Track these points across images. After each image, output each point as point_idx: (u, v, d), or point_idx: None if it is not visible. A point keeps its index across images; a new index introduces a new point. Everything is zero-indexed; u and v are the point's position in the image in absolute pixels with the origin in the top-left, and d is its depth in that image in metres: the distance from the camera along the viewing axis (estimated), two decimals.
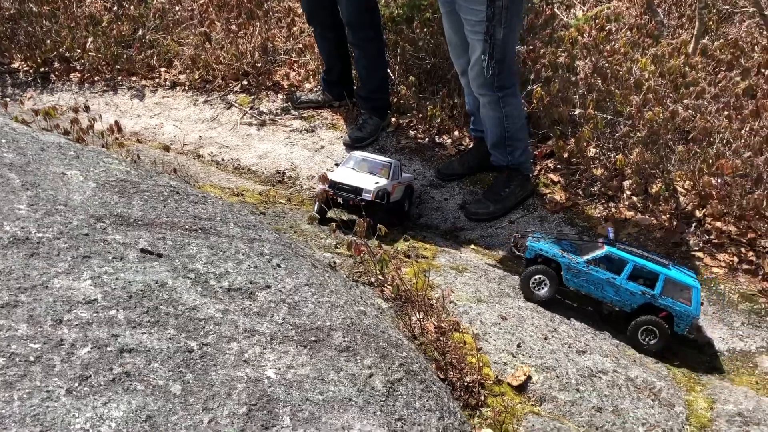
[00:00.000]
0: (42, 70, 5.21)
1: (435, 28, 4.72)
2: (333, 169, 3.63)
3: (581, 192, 3.96)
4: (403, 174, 3.78)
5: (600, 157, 4.09)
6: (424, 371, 2.10)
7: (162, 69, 5.29)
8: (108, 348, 1.61)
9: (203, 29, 5.20)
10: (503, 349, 2.55)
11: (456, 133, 4.51)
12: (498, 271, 3.30)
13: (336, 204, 3.43)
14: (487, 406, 2.26)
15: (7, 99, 4.81)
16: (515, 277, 3.22)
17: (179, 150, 4.42)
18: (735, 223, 3.60)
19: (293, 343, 1.86)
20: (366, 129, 4.42)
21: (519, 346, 2.58)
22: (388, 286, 2.80)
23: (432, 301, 2.71)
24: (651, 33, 4.72)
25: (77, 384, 1.48)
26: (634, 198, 3.86)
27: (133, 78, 5.22)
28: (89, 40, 5.24)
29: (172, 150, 4.29)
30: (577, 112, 4.16)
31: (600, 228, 3.66)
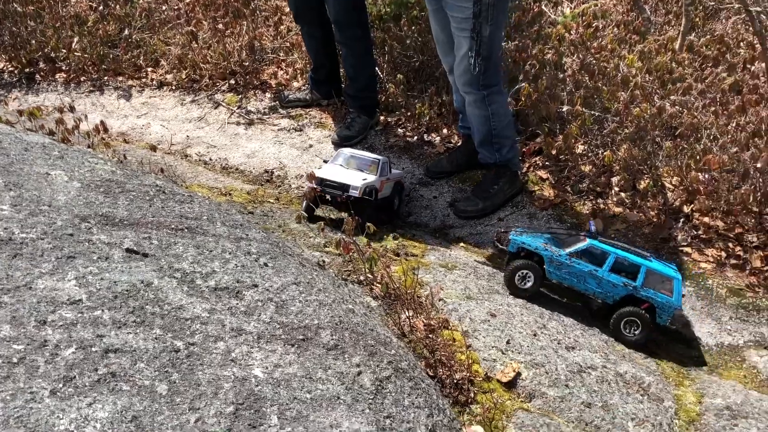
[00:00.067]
0: (27, 70, 5.17)
1: (423, 25, 4.71)
2: (321, 167, 3.61)
3: (570, 189, 3.96)
4: (393, 170, 3.76)
5: (588, 154, 4.10)
6: (413, 369, 2.10)
7: (149, 69, 5.26)
8: (93, 348, 1.59)
9: (190, 28, 5.18)
10: (492, 346, 2.54)
11: (445, 131, 4.51)
12: (487, 269, 3.30)
13: (324, 201, 3.41)
14: (477, 402, 2.25)
15: None
16: None
17: (166, 150, 4.39)
18: (722, 218, 3.62)
19: (281, 342, 1.85)
20: (354, 127, 4.41)
21: (508, 342, 2.58)
22: (377, 284, 2.79)
23: (421, 299, 2.71)
24: (638, 30, 4.74)
25: (61, 385, 1.47)
26: (622, 194, 3.87)
27: (120, 78, 5.18)
28: (75, 40, 5.21)
29: (159, 150, 4.26)
30: (565, 109, 4.16)
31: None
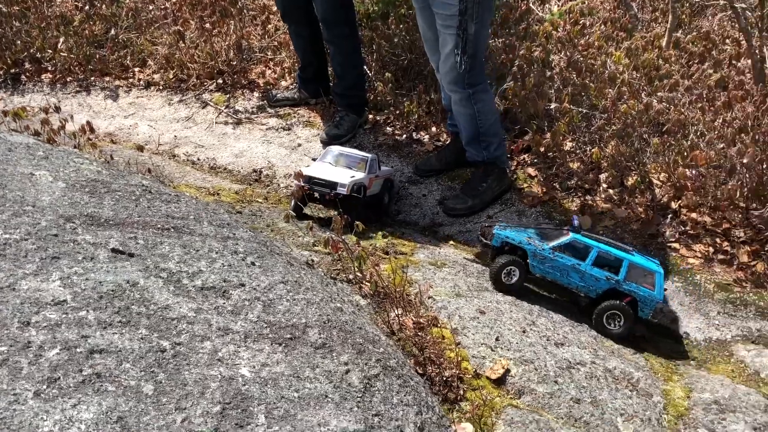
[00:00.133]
0: (12, 71, 5.13)
1: (410, 24, 4.71)
2: (309, 165, 3.60)
3: (558, 186, 3.97)
4: (383, 167, 3.76)
5: (576, 151, 4.10)
6: (401, 366, 2.09)
7: (136, 69, 5.23)
8: (78, 349, 1.58)
9: (177, 28, 5.15)
10: (482, 343, 2.54)
11: (433, 129, 4.51)
12: (476, 266, 3.30)
13: (313, 199, 3.40)
14: (466, 400, 2.25)
15: None
16: None
17: (154, 150, 4.36)
18: (710, 214, 3.63)
19: (268, 341, 1.84)
20: (343, 126, 4.40)
21: (497, 339, 2.58)
22: (366, 282, 2.79)
23: (410, 297, 2.70)
24: (625, 27, 4.75)
25: (45, 386, 1.45)
26: (610, 191, 3.88)
27: (107, 78, 5.15)
28: (61, 40, 5.17)
29: (146, 150, 4.24)
30: (553, 106, 4.17)
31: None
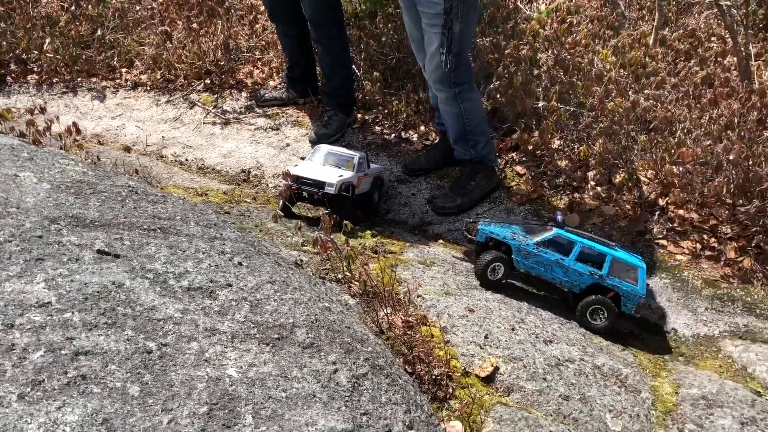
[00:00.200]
0: None
1: (398, 23, 4.70)
2: (297, 164, 3.59)
3: (546, 183, 3.98)
4: (372, 165, 3.75)
5: (564, 149, 4.12)
6: (390, 365, 2.09)
7: (123, 69, 5.20)
8: (62, 351, 1.56)
9: (164, 28, 5.13)
10: (471, 341, 2.54)
11: (422, 128, 4.51)
12: (465, 264, 3.30)
13: (301, 199, 3.39)
14: (456, 398, 2.25)
15: None
16: None
17: (142, 151, 4.34)
18: (697, 211, 3.65)
19: (255, 341, 1.83)
20: (332, 126, 4.39)
21: (486, 337, 2.58)
22: (355, 282, 2.79)
23: (400, 296, 2.70)
24: (612, 25, 4.77)
25: (29, 389, 1.44)
26: (598, 188, 3.89)
27: (93, 79, 5.12)
28: (47, 41, 5.14)
29: (134, 151, 4.21)
30: (541, 104, 4.18)
31: (566, 218, 3.68)
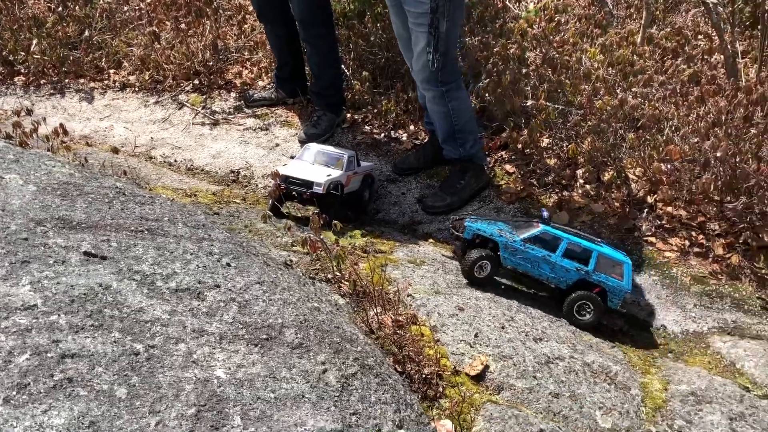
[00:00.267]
0: None
1: (387, 22, 4.70)
2: (286, 164, 3.58)
3: (536, 182, 3.99)
4: (363, 163, 3.75)
5: (553, 147, 4.13)
6: (379, 365, 2.09)
7: (111, 70, 5.17)
8: (49, 354, 1.55)
9: (152, 29, 5.10)
10: (461, 340, 2.55)
11: (411, 128, 4.51)
12: (455, 263, 3.30)
13: (291, 198, 3.39)
14: (446, 397, 2.25)
15: None
16: None
17: (130, 152, 4.32)
18: (685, 208, 3.67)
19: (244, 342, 1.83)
20: (321, 125, 4.38)
21: (476, 336, 2.58)
22: (345, 281, 2.78)
23: (389, 295, 2.70)
24: (600, 23, 4.79)
25: (15, 392, 1.43)
26: (587, 186, 3.91)
27: (81, 80, 5.09)
28: (33, 42, 5.10)
29: (123, 152, 4.19)
30: (529, 103, 4.19)
31: (555, 216, 3.69)
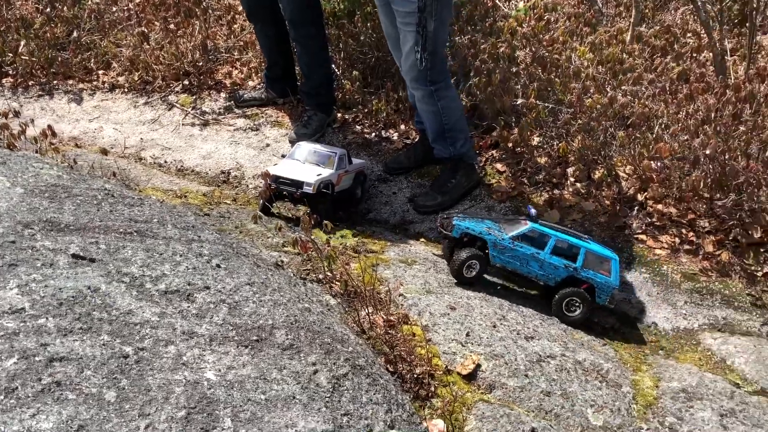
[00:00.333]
0: None
1: (376, 22, 4.69)
2: (277, 164, 3.58)
3: (526, 180, 3.99)
4: (355, 161, 3.74)
5: (543, 146, 4.13)
6: (371, 365, 2.09)
7: (100, 71, 5.15)
8: (36, 358, 1.54)
9: (141, 29, 5.08)
10: (452, 339, 2.55)
11: (402, 127, 4.51)
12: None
13: (281, 197, 3.39)
14: (438, 396, 2.25)
15: None
16: None
17: (120, 153, 4.30)
18: (675, 205, 3.68)
19: (234, 344, 1.82)
20: (311, 125, 4.37)
21: (468, 335, 2.58)
22: (336, 282, 2.78)
23: (381, 295, 2.70)
24: (589, 22, 4.80)
25: (2, 397, 1.42)
26: (577, 184, 3.91)
27: (70, 81, 5.06)
28: (21, 43, 5.07)
29: (112, 154, 4.18)
30: (520, 101, 4.19)
31: (546, 214, 3.70)
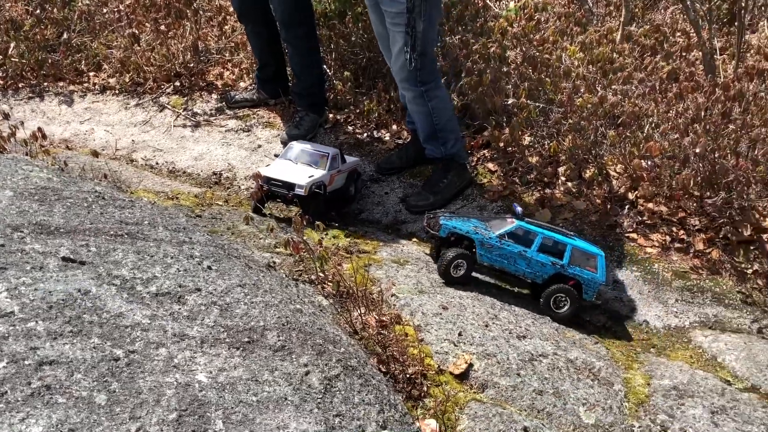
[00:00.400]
0: None
1: (367, 22, 4.68)
2: (270, 164, 3.57)
3: (518, 180, 4.00)
4: (348, 159, 3.74)
5: (534, 145, 4.14)
6: (363, 366, 2.09)
7: (90, 73, 5.13)
8: (26, 361, 1.54)
9: (131, 31, 5.06)
10: (445, 339, 2.55)
11: (394, 127, 4.51)
12: None
13: (273, 198, 3.39)
14: (430, 396, 2.25)
15: None
16: None
17: (111, 155, 4.28)
18: (666, 204, 3.70)
19: (225, 346, 1.82)
20: (303, 126, 4.37)
21: (460, 334, 2.59)
22: (328, 282, 2.78)
23: (373, 296, 2.70)
24: (579, 21, 4.81)
25: None
26: (569, 183, 3.92)
27: (61, 83, 5.04)
28: (11, 45, 5.04)
29: (103, 155, 4.16)
30: (511, 101, 4.20)
31: (537, 214, 3.71)
